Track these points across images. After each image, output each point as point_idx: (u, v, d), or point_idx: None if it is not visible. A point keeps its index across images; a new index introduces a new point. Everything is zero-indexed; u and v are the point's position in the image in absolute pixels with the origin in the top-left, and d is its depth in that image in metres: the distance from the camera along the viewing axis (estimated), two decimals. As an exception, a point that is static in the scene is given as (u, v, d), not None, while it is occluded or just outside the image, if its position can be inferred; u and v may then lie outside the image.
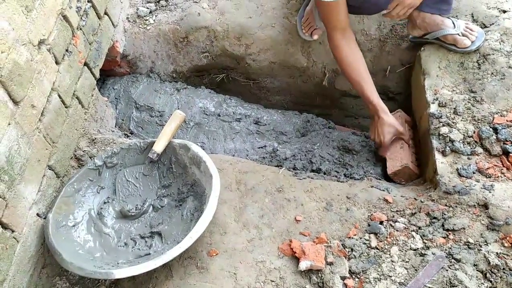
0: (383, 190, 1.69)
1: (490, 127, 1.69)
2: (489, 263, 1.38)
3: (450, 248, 1.44)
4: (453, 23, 1.92)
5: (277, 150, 2.09)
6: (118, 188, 1.68)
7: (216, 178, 1.50)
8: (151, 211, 1.64)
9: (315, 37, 2.16)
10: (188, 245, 1.36)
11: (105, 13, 2.00)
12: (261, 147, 2.11)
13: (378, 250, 1.47)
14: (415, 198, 1.63)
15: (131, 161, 1.71)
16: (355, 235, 1.52)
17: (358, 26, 2.18)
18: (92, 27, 1.86)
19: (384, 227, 1.53)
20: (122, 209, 1.63)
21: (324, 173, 1.95)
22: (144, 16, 2.31)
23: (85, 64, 1.82)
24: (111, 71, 2.33)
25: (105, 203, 1.65)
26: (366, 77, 1.87)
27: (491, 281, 1.35)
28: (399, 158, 1.90)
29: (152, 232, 1.57)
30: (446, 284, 1.34)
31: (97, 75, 1.94)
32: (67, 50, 1.65)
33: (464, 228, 1.48)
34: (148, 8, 2.33)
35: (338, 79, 2.30)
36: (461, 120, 1.75)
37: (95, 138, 1.83)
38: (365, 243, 1.50)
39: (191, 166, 1.62)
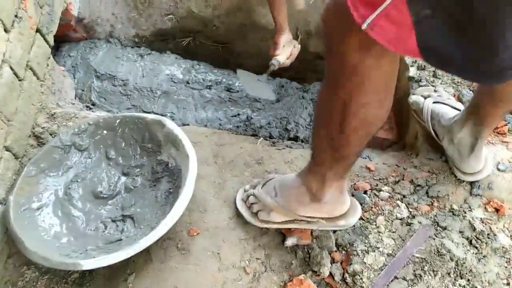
0: (365, 158, 1.64)
1: (470, 90, 1.66)
2: (474, 229, 1.38)
3: (436, 215, 1.42)
4: None
5: (252, 118, 2.00)
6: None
7: (193, 158, 1.38)
8: (123, 192, 1.52)
9: (287, -4, 2.03)
10: (163, 233, 1.26)
11: (56, -28, 1.79)
12: (235, 116, 2.01)
13: (364, 221, 1.43)
14: (397, 165, 1.60)
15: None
16: (339, 206, 1.48)
17: None
18: (43, -12, 1.66)
19: (369, 197, 1.49)
20: (93, 190, 1.50)
21: (302, 141, 1.89)
22: (100, -26, 2.10)
23: (37, 30, 1.62)
24: (66, 36, 2.13)
25: (72, 182, 1.51)
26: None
27: (476, 248, 1.35)
28: None
29: (123, 215, 1.45)
30: (434, 253, 1.33)
31: (51, 42, 1.75)
32: (16, 16, 1.45)
33: (448, 195, 1.47)
34: (103, -35, 2.11)
35: (312, 41, 2.20)
36: (441, 83, 1.71)
37: (55, 113, 1.67)
38: (350, 215, 1.45)
39: (166, 144, 1.50)
